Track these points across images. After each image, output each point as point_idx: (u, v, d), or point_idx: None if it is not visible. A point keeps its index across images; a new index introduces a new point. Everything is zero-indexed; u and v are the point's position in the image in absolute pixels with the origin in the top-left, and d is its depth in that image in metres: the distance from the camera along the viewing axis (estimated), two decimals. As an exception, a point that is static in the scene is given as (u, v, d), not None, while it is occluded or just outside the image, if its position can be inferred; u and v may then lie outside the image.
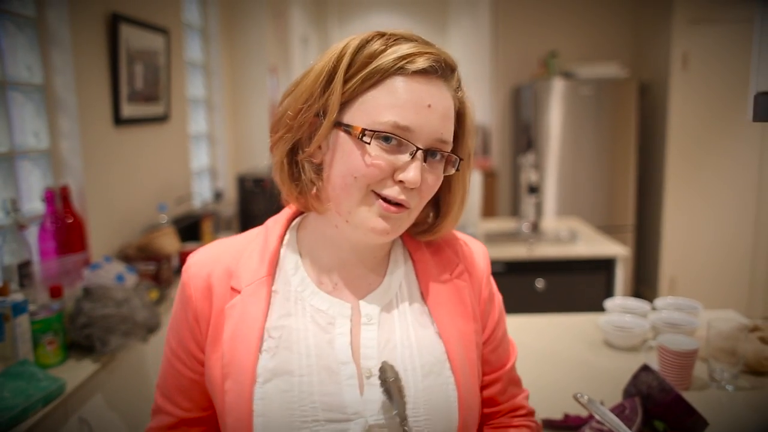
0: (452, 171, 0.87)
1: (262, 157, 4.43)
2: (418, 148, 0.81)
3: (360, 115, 0.81)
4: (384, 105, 0.80)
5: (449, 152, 0.85)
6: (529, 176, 3.53)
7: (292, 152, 0.87)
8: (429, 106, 0.81)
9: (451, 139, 0.86)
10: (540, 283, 3.12)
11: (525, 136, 4.73)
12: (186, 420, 0.93)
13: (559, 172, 4.59)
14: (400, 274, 0.92)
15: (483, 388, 0.96)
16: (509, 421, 0.98)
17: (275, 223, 0.94)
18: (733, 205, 4.55)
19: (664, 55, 4.53)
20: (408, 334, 0.88)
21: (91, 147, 2.47)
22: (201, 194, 3.94)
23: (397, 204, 0.82)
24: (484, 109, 5.32)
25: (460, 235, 1.01)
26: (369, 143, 0.80)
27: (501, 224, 3.82)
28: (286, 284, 0.89)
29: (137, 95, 2.84)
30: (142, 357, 2.18)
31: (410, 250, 0.95)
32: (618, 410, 1.32)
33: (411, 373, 0.85)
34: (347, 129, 0.82)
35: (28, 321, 1.75)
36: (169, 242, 2.61)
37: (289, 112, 0.85)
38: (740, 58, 4.27)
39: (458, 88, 0.87)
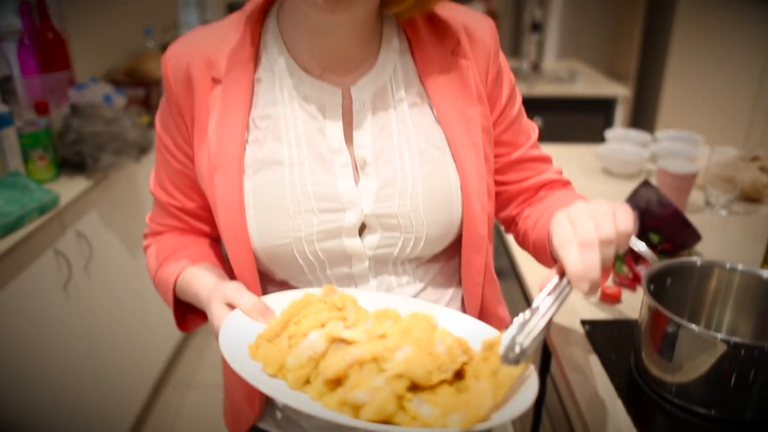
0: None
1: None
2: None
3: None
4: None
5: None
6: (533, 12, 3.36)
7: None
8: None
9: None
10: (539, 122, 3.07)
11: (530, -28, 4.45)
12: (181, 209, 0.91)
13: (564, 11, 4.37)
14: (394, 54, 0.83)
15: (502, 171, 0.91)
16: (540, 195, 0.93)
17: (253, 5, 0.84)
18: (739, 64, 4.40)
19: None
20: (404, 120, 0.81)
21: (67, -42, 2.28)
22: (189, 25, 3.75)
23: None
24: (489, -58, 4.94)
25: (462, 9, 0.87)
26: None
27: (501, 64, 3.69)
28: (270, 71, 0.81)
29: None
30: (135, 177, 2.16)
31: (404, 27, 0.84)
32: (614, 225, 1.33)
33: (408, 161, 0.80)
34: None
35: (14, 134, 1.70)
36: (157, 66, 2.49)
37: None
38: None
39: None
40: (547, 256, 0.83)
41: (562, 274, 0.65)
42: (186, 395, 2.49)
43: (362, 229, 0.81)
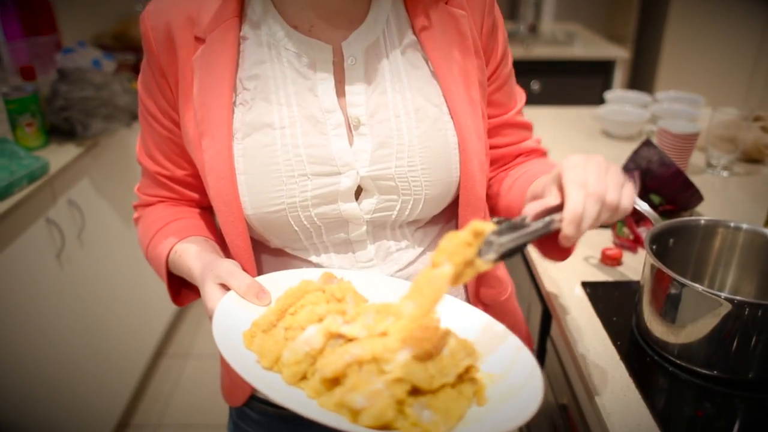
0: None
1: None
2: None
3: None
4: None
5: None
6: (531, -28, 3.29)
7: None
8: None
9: None
10: (536, 85, 3.03)
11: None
12: (170, 178, 0.87)
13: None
14: (386, 6, 0.78)
15: (488, 133, 0.88)
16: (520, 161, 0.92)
17: None
18: (739, 24, 4.32)
19: None
20: (399, 76, 0.77)
21: None
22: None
23: None
24: None
25: None
26: None
27: (497, 27, 3.62)
28: (257, 28, 0.76)
29: None
30: (127, 143, 2.12)
31: None
32: (615, 186, 1.31)
33: (404, 120, 0.77)
34: None
35: (1, 100, 1.66)
36: (145, 31, 2.44)
37: None
38: None
39: None
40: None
41: (553, 208, 0.63)
42: (184, 365, 2.49)
43: (358, 193, 0.78)
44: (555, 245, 0.76)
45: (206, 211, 0.93)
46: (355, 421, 0.54)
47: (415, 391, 0.57)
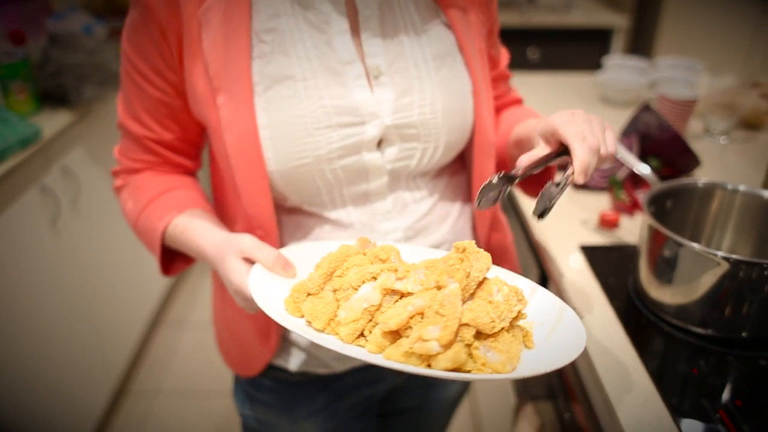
0: None
1: None
2: None
3: None
4: None
5: None
6: (530, -63, 3.23)
7: None
8: None
9: None
10: (534, 54, 3.00)
11: None
12: (157, 141, 0.84)
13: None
14: None
15: None
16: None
17: None
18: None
19: None
20: (414, 26, 0.78)
21: None
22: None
23: None
24: None
25: None
26: None
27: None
28: None
29: None
30: (121, 112, 2.09)
31: None
32: (613, 151, 1.31)
33: (423, 68, 0.78)
34: None
35: (-9, 65, 1.63)
36: (137, -4, 2.39)
37: None
38: None
39: None
40: (505, 161, 0.89)
41: (542, 158, 0.70)
42: (182, 332, 2.50)
43: (379, 144, 0.79)
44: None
45: (195, 178, 0.92)
46: (430, 367, 0.57)
47: (477, 336, 0.60)
